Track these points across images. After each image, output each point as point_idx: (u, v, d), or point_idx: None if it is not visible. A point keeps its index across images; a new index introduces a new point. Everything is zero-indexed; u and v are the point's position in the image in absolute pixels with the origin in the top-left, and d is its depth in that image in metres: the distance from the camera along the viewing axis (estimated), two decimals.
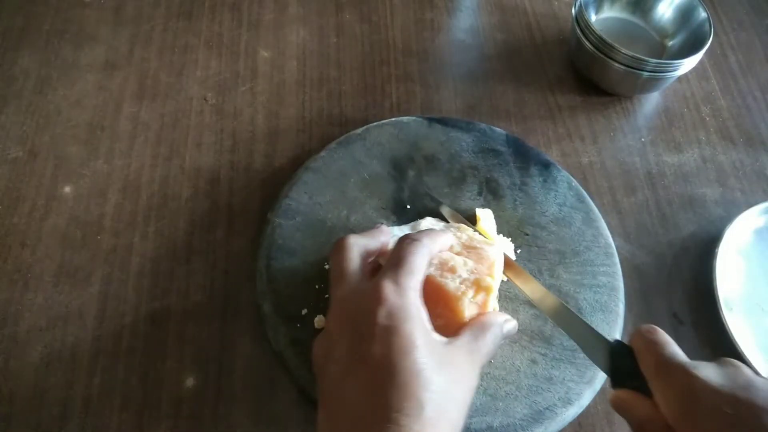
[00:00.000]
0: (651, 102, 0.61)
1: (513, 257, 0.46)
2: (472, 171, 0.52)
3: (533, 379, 0.42)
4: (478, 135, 0.53)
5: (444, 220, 0.47)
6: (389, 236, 0.38)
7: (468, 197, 0.50)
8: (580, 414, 0.42)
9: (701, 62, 0.61)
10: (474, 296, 0.35)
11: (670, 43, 0.61)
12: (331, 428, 0.29)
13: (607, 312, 0.45)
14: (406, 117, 0.54)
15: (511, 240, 0.47)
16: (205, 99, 0.57)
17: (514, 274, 0.40)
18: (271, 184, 0.52)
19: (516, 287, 0.41)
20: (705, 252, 0.51)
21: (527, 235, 0.49)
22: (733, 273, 0.50)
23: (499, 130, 0.54)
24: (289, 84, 0.59)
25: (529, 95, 0.60)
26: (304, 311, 0.44)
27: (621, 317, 0.45)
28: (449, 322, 0.33)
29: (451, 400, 0.29)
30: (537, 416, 0.40)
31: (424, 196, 0.50)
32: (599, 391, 0.43)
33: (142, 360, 0.44)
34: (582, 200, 0.51)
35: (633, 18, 0.63)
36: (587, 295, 0.46)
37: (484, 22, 0.66)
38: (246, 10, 0.64)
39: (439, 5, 0.67)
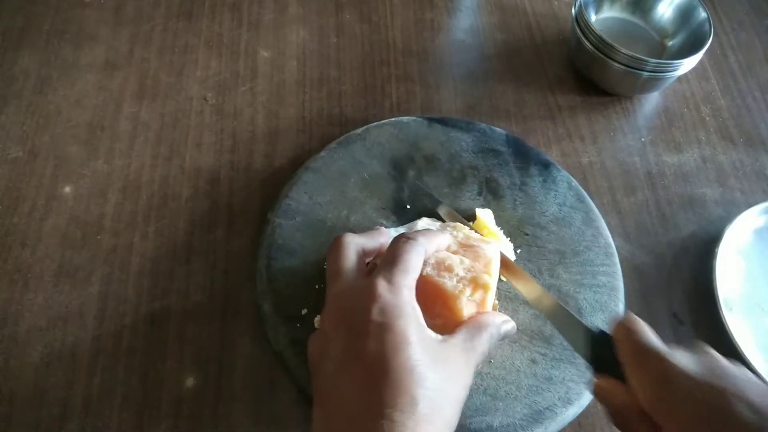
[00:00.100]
0: (651, 102, 0.61)
1: (513, 257, 0.46)
2: (472, 171, 0.52)
3: (533, 379, 0.42)
4: (477, 135, 0.54)
5: (441, 220, 0.47)
6: (388, 238, 0.38)
7: (468, 197, 0.50)
8: (580, 414, 0.42)
9: (701, 62, 0.61)
10: (472, 294, 0.35)
11: (670, 43, 0.61)
12: (327, 425, 0.29)
13: (607, 312, 0.45)
14: (406, 117, 0.54)
15: (510, 240, 0.47)
16: (205, 99, 0.57)
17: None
18: (271, 184, 0.52)
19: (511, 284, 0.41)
20: (705, 252, 0.51)
21: (527, 235, 0.49)
22: (733, 273, 0.50)
23: (498, 130, 0.54)
24: (289, 84, 0.59)
25: (529, 95, 0.60)
26: (304, 311, 0.44)
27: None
28: (448, 321, 0.33)
29: (445, 397, 0.29)
30: (537, 416, 0.40)
31: (423, 196, 0.50)
32: None
33: (142, 360, 0.44)
34: (582, 200, 0.51)
35: (633, 18, 0.63)
36: (587, 295, 0.46)
37: (484, 22, 0.66)
38: (246, 10, 0.64)
39: (439, 5, 0.67)
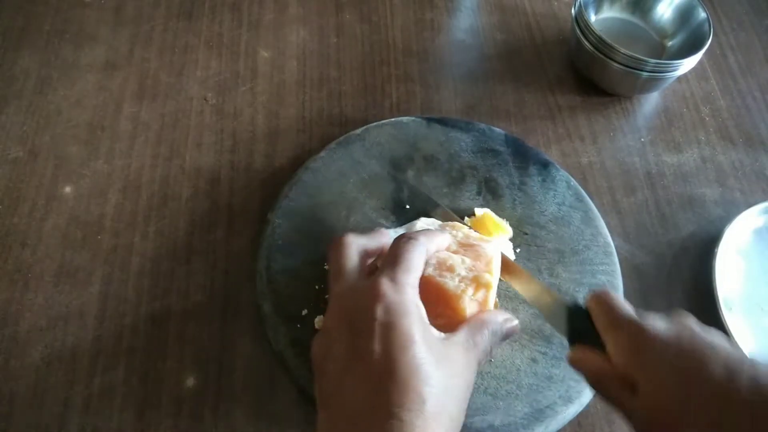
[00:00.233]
0: (650, 102, 0.62)
1: (512, 256, 0.46)
2: (471, 171, 0.52)
3: (534, 378, 0.42)
4: (477, 135, 0.54)
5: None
6: (389, 239, 0.38)
7: (467, 197, 0.50)
8: (580, 412, 0.42)
9: (701, 62, 0.61)
10: (474, 293, 0.35)
11: (670, 43, 0.61)
12: (332, 428, 0.29)
13: None
14: (405, 117, 0.54)
15: (510, 239, 0.47)
16: (205, 99, 0.57)
17: None
18: (271, 184, 0.52)
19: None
20: (705, 252, 0.51)
21: (526, 234, 0.49)
22: (733, 273, 0.50)
23: (498, 130, 0.54)
24: (289, 84, 0.59)
25: (529, 95, 0.60)
26: (304, 311, 0.44)
27: None
28: (451, 321, 0.33)
29: (450, 395, 0.29)
30: (538, 415, 0.40)
31: (419, 198, 0.50)
32: None
33: (142, 360, 0.44)
34: (581, 199, 0.51)
35: (633, 18, 0.63)
36: (587, 294, 0.46)
37: (484, 22, 0.66)
38: (246, 10, 0.64)
39: (439, 5, 0.67)
